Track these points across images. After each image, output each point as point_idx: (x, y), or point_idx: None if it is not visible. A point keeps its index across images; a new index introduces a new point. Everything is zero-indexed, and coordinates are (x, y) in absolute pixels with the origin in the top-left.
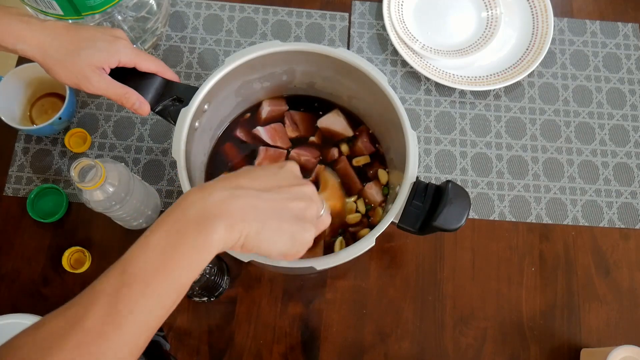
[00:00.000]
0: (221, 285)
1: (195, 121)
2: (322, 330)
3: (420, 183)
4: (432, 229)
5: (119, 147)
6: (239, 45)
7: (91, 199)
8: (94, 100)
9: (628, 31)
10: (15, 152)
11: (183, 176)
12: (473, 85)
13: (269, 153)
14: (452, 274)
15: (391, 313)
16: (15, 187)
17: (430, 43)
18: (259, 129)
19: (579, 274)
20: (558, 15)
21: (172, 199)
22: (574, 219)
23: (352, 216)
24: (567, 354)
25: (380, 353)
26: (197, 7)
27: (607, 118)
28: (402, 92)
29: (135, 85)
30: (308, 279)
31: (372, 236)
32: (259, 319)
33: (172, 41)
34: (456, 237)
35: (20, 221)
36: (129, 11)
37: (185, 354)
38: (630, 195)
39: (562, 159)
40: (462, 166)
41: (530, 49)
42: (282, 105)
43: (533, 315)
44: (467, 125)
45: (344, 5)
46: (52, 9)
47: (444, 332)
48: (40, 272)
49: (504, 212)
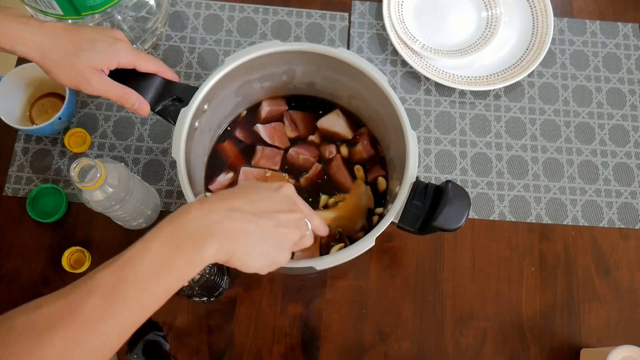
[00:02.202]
0: (221, 285)
1: (195, 121)
2: (322, 330)
3: (420, 183)
4: (432, 229)
5: (118, 147)
6: (239, 45)
7: (91, 199)
8: (94, 100)
9: (628, 31)
10: (15, 152)
11: (183, 176)
12: (473, 85)
13: (265, 152)
14: (452, 274)
15: (391, 313)
16: (15, 187)
17: (430, 43)
18: (259, 126)
19: (579, 274)
20: (558, 15)
21: (172, 199)
22: (573, 219)
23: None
24: (567, 354)
25: (380, 353)
26: (197, 7)
27: (607, 118)
28: (402, 92)
29: (135, 85)
30: (308, 279)
31: (372, 236)
32: (259, 319)
33: (172, 41)
34: (456, 237)
35: (20, 221)
36: (128, 11)
37: (185, 354)
38: (630, 195)
39: (562, 159)
40: (462, 166)
41: (530, 49)
42: (281, 105)
43: (533, 315)
44: (467, 125)
45: (344, 5)
46: (52, 9)
47: (444, 332)
48: (40, 272)
49: (504, 212)
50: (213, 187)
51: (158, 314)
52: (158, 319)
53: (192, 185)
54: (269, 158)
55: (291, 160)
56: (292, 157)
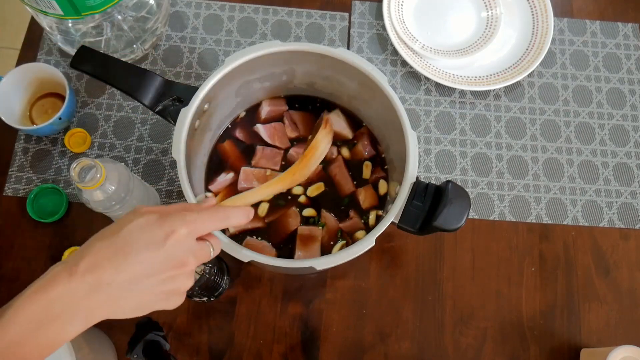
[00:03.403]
0: (221, 285)
1: (195, 121)
2: (322, 330)
3: (420, 183)
4: (432, 229)
5: (118, 147)
6: (239, 45)
7: (91, 199)
8: (94, 100)
9: (628, 31)
10: (15, 152)
11: (183, 176)
12: (473, 85)
13: (265, 152)
14: (452, 274)
15: (391, 313)
16: (15, 187)
17: (430, 43)
18: (259, 126)
19: (579, 274)
20: (558, 15)
21: (172, 199)
22: (574, 219)
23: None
24: (567, 354)
25: (380, 353)
26: (197, 7)
27: (607, 118)
28: (402, 92)
29: (135, 85)
30: (308, 279)
31: (372, 236)
32: (259, 319)
33: (172, 41)
34: (456, 237)
35: (20, 221)
36: (129, 11)
37: (185, 354)
38: (630, 195)
39: (562, 159)
40: (462, 166)
41: (530, 49)
42: (281, 105)
43: (533, 315)
44: (467, 125)
45: (344, 5)
46: (52, 9)
47: (444, 332)
48: (40, 272)
49: (504, 212)
50: (213, 187)
51: (158, 314)
52: (158, 319)
53: (192, 185)
54: (269, 158)
55: (291, 160)
56: (292, 157)
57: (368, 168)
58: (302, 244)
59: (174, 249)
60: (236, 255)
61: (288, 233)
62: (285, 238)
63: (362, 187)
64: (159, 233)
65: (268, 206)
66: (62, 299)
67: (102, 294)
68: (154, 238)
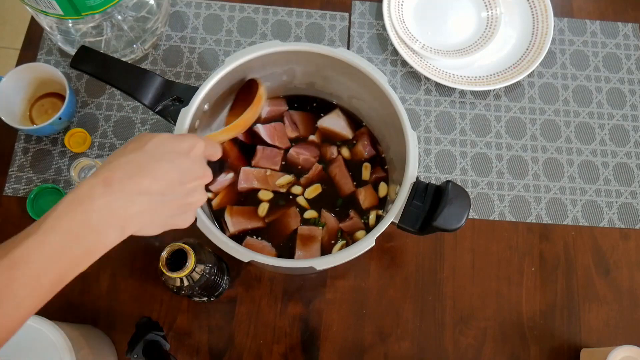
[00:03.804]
0: (221, 285)
1: (195, 121)
2: (322, 330)
3: (420, 183)
4: (432, 229)
5: (119, 146)
6: (239, 45)
7: None
8: (94, 100)
9: (628, 31)
10: (15, 152)
11: None
12: (473, 85)
13: (265, 152)
14: (452, 274)
15: (391, 313)
16: (15, 187)
17: (430, 43)
18: (259, 126)
19: (579, 274)
20: (558, 15)
21: None
22: (574, 219)
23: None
24: (567, 354)
25: (380, 353)
26: (197, 7)
27: (607, 118)
28: (402, 92)
29: (135, 85)
30: (308, 279)
31: (372, 236)
32: (258, 319)
33: (172, 41)
34: (456, 237)
35: (20, 221)
36: (129, 11)
37: (185, 354)
38: (630, 195)
39: (562, 159)
40: (462, 166)
41: (530, 49)
42: (281, 105)
43: (533, 315)
44: (467, 125)
45: (344, 5)
46: (52, 9)
47: (444, 332)
48: None
49: (504, 212)
50: (213, 187)
51: (158, 314)
52: (158, 319)
53: None
54: (269, 158)
55: (291, 160)
56: (292, 157)
57: (367, 170)
58: (302, 244)
59: (196, 159)
60: (236, 255)
61: (288, 233)
62: (285, 238)
63: (362, 187)
64: (183, 145)
65: (268, 206)
66: (101, 210)
67: (138, 205)
68: (181, 149)
